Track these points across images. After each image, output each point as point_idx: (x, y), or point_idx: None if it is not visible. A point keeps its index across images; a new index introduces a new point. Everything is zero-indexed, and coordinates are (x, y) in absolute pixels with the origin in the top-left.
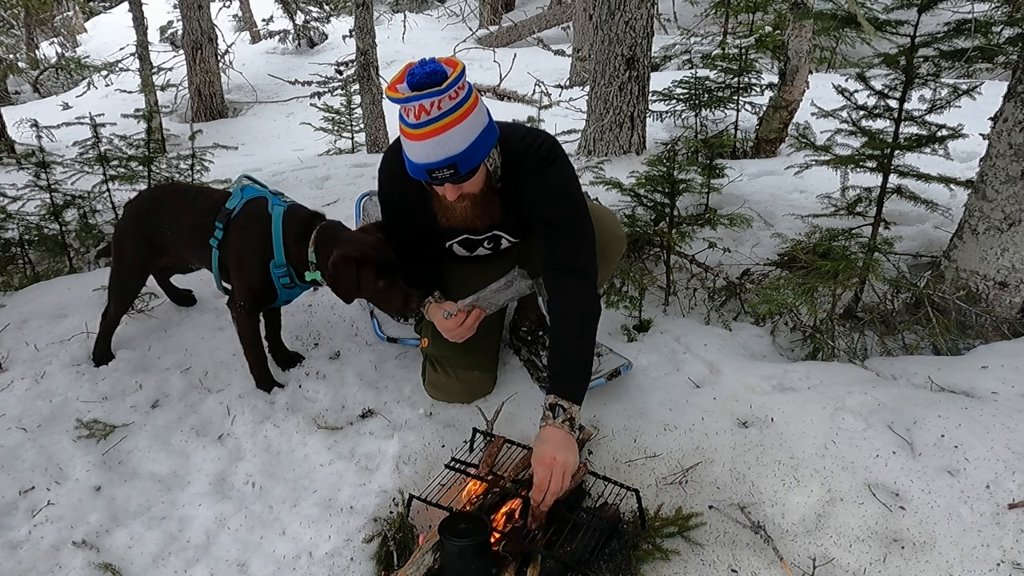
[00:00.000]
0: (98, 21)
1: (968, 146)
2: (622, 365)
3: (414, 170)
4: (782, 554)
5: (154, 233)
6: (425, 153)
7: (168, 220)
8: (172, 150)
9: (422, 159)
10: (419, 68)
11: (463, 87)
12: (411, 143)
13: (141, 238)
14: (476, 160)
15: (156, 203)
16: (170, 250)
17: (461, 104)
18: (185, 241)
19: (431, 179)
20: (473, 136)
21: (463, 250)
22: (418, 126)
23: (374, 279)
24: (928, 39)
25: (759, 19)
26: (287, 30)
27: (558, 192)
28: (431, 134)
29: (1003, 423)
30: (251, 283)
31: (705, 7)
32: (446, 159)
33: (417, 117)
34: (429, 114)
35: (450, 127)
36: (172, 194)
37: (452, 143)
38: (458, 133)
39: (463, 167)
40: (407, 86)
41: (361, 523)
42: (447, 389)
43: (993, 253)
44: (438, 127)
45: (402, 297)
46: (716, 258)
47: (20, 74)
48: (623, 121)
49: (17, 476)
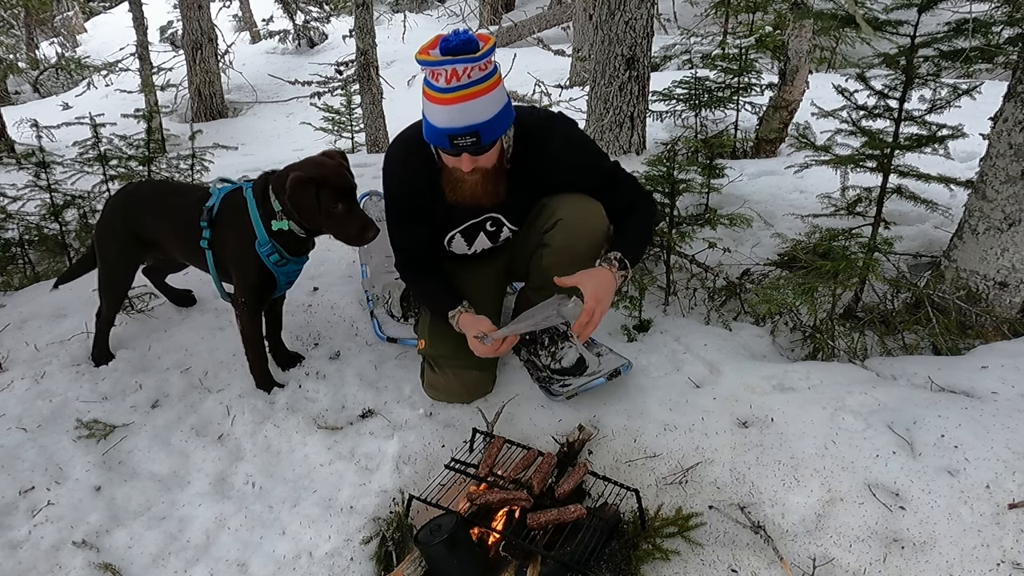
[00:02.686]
0: (98, 21)
1: (968, 146)
2: (622, 365)
3: (435, 136)
4: (782, 554)
5: (138, 228)
6: (451, 118)
7: (152, 216)
8: (172, 150)
9: (447, 124)
10: (454, 36)
11: (491, 62)
12: (437, 107)
13: (125, 233)
14: (497, 132)
15: (138, 199)
16: (157, 245)
17: (489, 76)
18: (172, 239)
19: (451, 146)
20: (497, 109)
21: (463, 243)
22: (447, 90)
23: (332, 201)
24: (928, 39)
25: (759, 19)
26: (287, 30)
27: (577, 146)
28: (459, 99)
29: (1003, 423)
30: (247, 274)
31: (705, 7)
32: (470, 126)
33: (448, 81)
34: (459, 80)
35: (478, 96)
36: (154, 190)
37: (478, 111)
38: (484, 103)
39: (485, 137)
40: (439, 52)
41: (361, 523)
42: (446, 389)
43: (993, 253)
44: (467, 94)
45: (360, 224)
46: (716, 258)
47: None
48: (623, 121)
49: (17, 476)
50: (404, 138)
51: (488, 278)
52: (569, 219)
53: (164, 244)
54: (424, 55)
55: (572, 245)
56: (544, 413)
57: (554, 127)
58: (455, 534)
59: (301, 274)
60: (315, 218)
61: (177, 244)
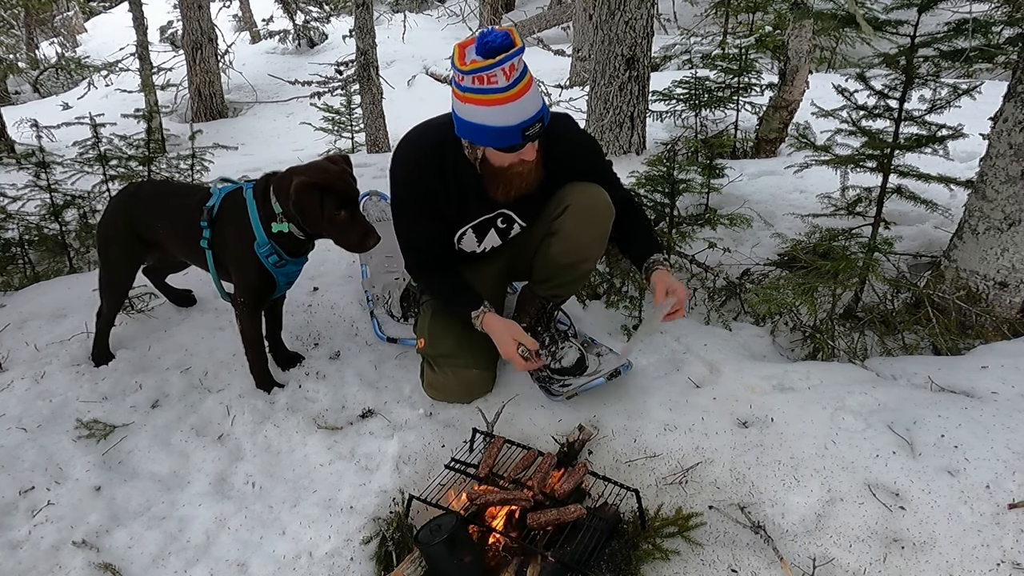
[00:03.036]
0: (98, 21)
1: (968, 146)
2: (622, 365)
3: (506, 135)
4: (782, 554)
5: (140, 228)
6: (522, 110)
7: (154, 216)
8: (172, 150)
9: (520, 118)
10: (491, 36)
11: (513, 67)
12: (503, 107)
13: (127, 233)
14: (547, 113)
15: (140, 199)
16: (158, 245)
17: (527, 69)
18: (173, 239)
19: (523, 139)
20: (540, 95)
21: (474, 239)
22: (510, 87)
23: (336, 207)
24: (928, 39)
25: (759, 19)
26: (287, 30)
27: (586, 144)
28: (522, 91)
29: (1003, 423)
30: (247, 274)
31: (705, 7)
32: (537, 113)
33: (508, 77)
34: (515, 73)
35: (531, 84)
36: (155, 190)
37: (537, 98)
38: (536, 91)
39: (546, 119)
40: (479, 54)
41: (361, 523)
42: (446, 389)
43: (993, 253)
44: (524, 85)
45: (362, 231)
46: (716, 258)
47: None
48: (623, 121)
49: (17, 476)
50: (411, 140)
51: (491, 277)
52: (578, 205)
53: (165, 244)
54: (473, 64)
55: (581, 232)
56: (544, 413)
57: (563, 126)
58: (455, 534)
59: (301, 274)
60: (318, 223)
61: (178, 244)
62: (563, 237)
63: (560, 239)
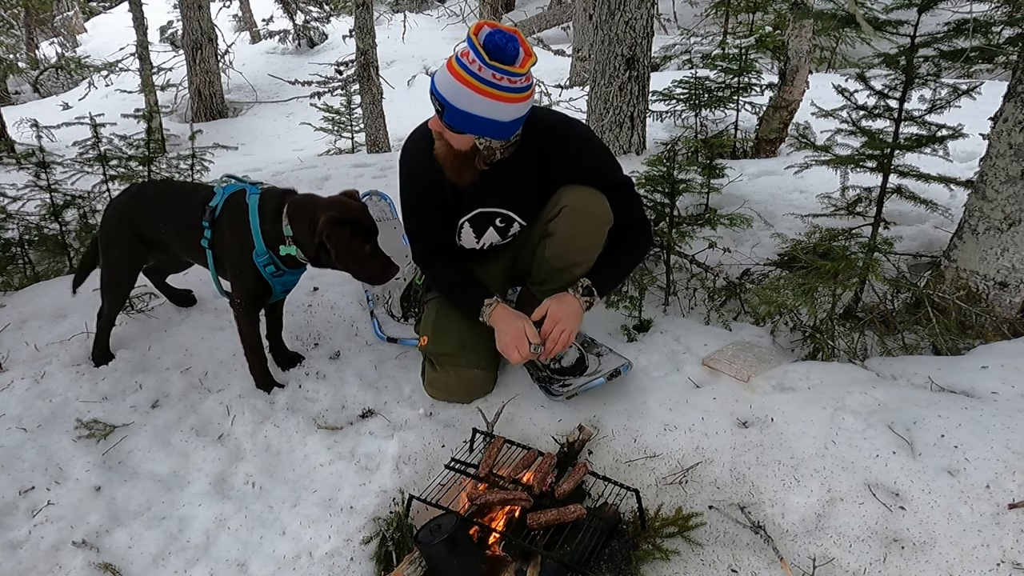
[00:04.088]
0: (98, 21)
1: (968, 146)
2: (622, 365)
3: (450, 112)
4: (782, 554)
5: (142, 228)
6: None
7: (156, 216)
8: (172, 150)
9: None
10: (501, 38)
11: (529, 77)
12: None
13: (129, 234)
14: (511, 134)
15: (142, 199)
16: (160, 245)
17: (527, 88)
18: (175, 238)
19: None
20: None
21: (472, 234)
22: (491, 84)
23: (363, 243)
24: (928, 39)
25: (759, 19)
26: (287, 30)
27: (593, 151)
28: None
29: (1003, 423)
30: (244, 279)
31: (705, 7)
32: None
33: (498, 78)
34: (500, 82)
35: (514, 100)
36: (157, 190)
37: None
38: (511, 109)
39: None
40: (483, 44)
41: (361, 523)
42: (446, 388)
43: (993, 253)
44: (507, 96)
45: (384, 264)
46: (716, 258)
47: (20, 74)
48: (623, 121)
49: (17, 476)
50: (415, 133)
51: (493, 276)
52: (574, 207)
53: (167, 243)
54: (490, 60)
55: (575, 234)
56: (544, 413)
57: (571, 131)
58: (455, 534)
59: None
60: (344, 258)
61: (180, 243)
62: (557, 239)
63: (554, 241)
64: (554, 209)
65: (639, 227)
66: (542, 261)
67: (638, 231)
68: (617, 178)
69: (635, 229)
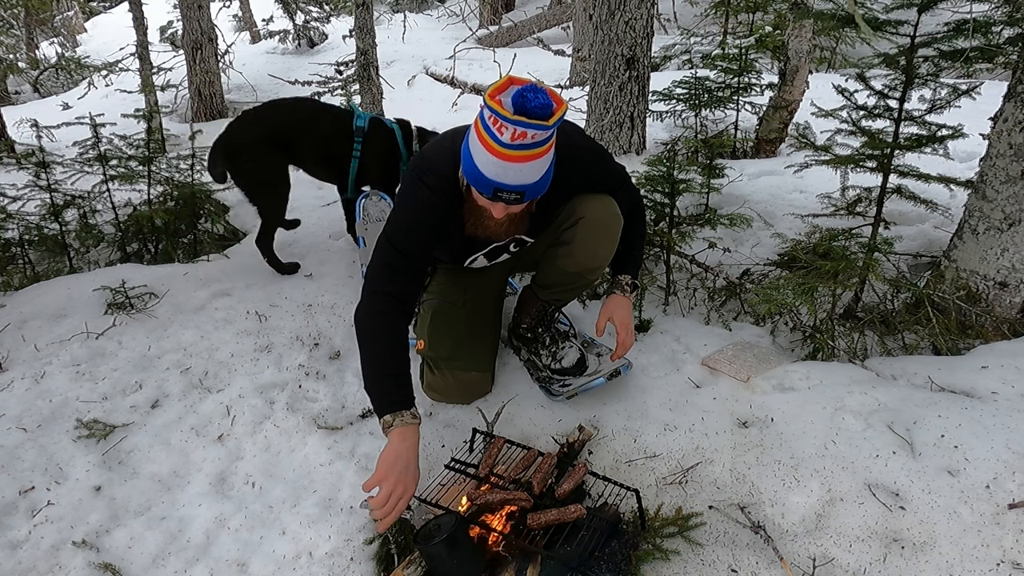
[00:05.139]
0: (98, 21)
1: (968, 146)
2: (622, 365)
3: (480, 181)
4: (782, 554)
5: (287, 137)
6: (503, 173)
7: (301, 130)
8: (172, 150)
9: (497, 177)
10: (532, 95)
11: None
12: (491, 158)
13: (274, 145)
14: (541, 192)
15: (283, 115)
16: (302, 158)
17: (549, 139)
18: (316, 147)
19: (493, 196)
20: (546, 169)
21: (484, 261)
22: (509, 147)
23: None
24: (928, 39)
25: (759, 19)
26: (287, 30)
27: (597, 162)
28: (518, 159)
29: (1003, 423)
30: (392, 178)
31: (705, 7)
32: (519, 186)
33: (512, 139)
34: (525, 139)
35: (536, 158)
36: (295, 107)
37: (531, 173)
38: (539, 165)
39: (529, 196)
40: (512, 105)
41: (361, 523)
42: (445, 391)
43: (993, 253)
44: (527, 155)
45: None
46: (716, 258)
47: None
48: (623, 121)
49: (17, 476)
50: (423, 169)
51: (491, 278)
52: (592, 219)
53: (311, 156)
54: (496, 104)
55: (594, 244)
56: (544, 413)
57: (575, 147)
58: (455, 534)
59: (301, 273)
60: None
61: (321, 158)
62: (573, 248)
63: (570, 250)
64: (569, 218)
65: (637, 208)
66: (554, 267)
67: (637, 213)
68: (619, 177)
69: (635, 212)
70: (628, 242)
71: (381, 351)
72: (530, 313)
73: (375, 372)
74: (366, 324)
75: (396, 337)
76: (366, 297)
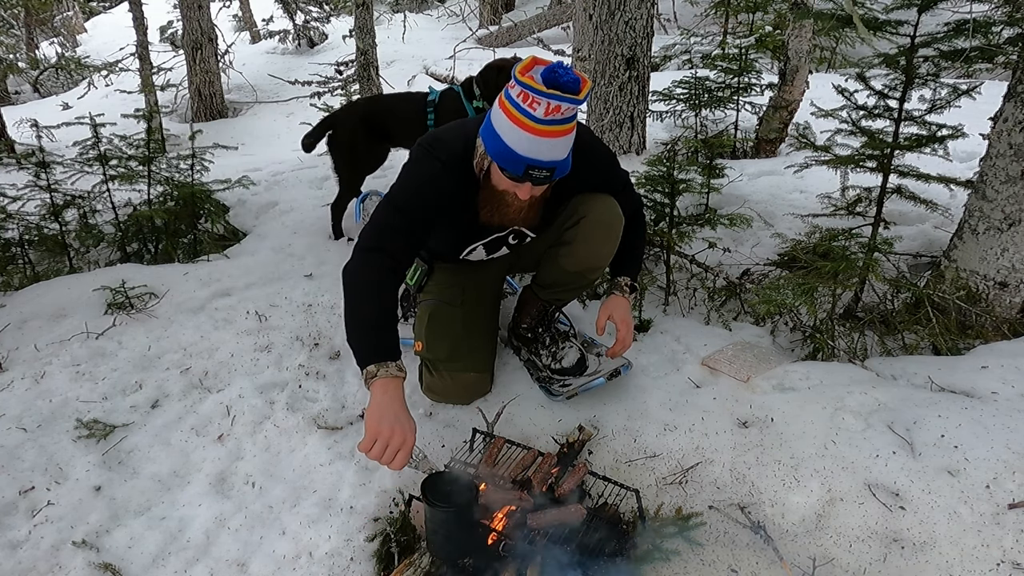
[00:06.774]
0: (98, 21)
1: (968, 146)
2: (622, 365)
3: (510, 160)
4: (782, 554)
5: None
6: (537, 149)
7: (390, 114)
8: (172, 150)
9: (530, 153)
10: (562, 71)
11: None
12: (524, 134)
13: (369, 130)
14: (566, 171)
15: (377, 104)
16: (391, 136)
17: (575, 116)
18: (403, 127)
19: (524, 174)
20: (570, 148)
21: (483, 253)
22: (543, 122)
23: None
24: (928, 39)
25: (759, 19)
26: (287, 30)
27: (602, 159)
28: (553, 134)
29: (1003, 423)
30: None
31: (705, 7)
32: (552, 161)
33: (546, 113)
34: (560, 115)
35: (566, 134)
36: (385, 99)
37: (563, 148)
38: (567, 142)
39: (559, 173)
40: (543, 80)
41: (361, 523)
42: (444, 392)
43: (993, 253)
44: (560, 130)
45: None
46: (716, 258)
47: (20, 74)
48: (623, 121)
49: (17, 476)
50: (435, 147)
51: (490, 275)
52: (594, 219)
53: (398, 133)
54: (529, 79)
55: (597, 244)
56: (544, 413)
57: (581, 143)
58: (469, 504)
59: (301, 272)
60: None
61: (405, 130)
62: (575, 248)
63: (572, 250)
64: (571, 218)
65: (638, 213)
66: (555, 267)
67: (638, 217)
68: (623, 181)
69: (636, 217)
70: (628, 246)
71: (370, 305)
72: (530, 313)
73: (361, 324)
74: (358, 276)
75: (387, 294)
76: (358, 253)
